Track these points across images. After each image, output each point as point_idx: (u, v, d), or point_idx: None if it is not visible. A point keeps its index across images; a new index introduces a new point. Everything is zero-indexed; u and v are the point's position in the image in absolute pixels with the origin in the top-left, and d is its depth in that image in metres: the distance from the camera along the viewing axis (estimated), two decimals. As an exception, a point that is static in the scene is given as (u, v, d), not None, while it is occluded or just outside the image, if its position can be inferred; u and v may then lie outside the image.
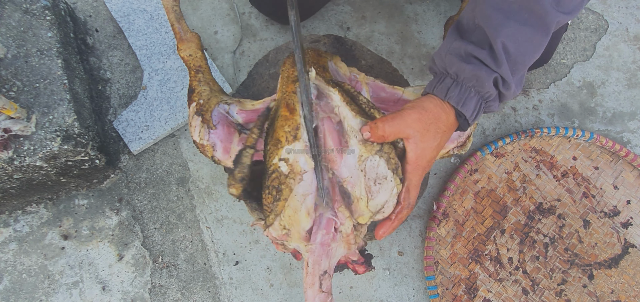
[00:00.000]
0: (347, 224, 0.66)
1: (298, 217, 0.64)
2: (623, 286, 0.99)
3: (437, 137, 0.65)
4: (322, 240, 0.65)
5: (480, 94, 0.64)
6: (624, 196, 1.04)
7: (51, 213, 1.00)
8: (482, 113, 0.67)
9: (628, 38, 1.17)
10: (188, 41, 0.79)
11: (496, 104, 0.66)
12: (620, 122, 1.11)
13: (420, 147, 0.64)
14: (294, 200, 0.64)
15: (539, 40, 0.61)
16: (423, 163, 0.66)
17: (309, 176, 0.63)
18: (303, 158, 0.63)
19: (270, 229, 0.67)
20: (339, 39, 0.88)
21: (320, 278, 0.66)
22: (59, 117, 0.81)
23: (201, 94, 0.74)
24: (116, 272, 0.98)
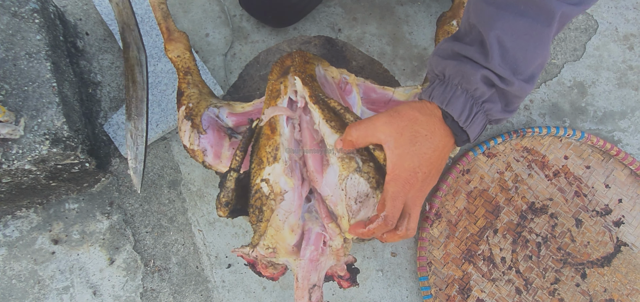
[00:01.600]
0: (337, 240, 0.66)
1: (282, 235, 0.64)
2: (616, 285, 0.99)
3: (416, 142, 0.59)
4: (311, 256, 0.65)
5: (469, 93, 0.58)
6: (616, 195, 1.04)
7: (41, 217, 0.99)
8: (481, 118, 0.60)
9: (618, 38, 1.17)
10: (176, 41, 0.78)
11: (497, 106, 0.59)
12: (611, 121, 1.12)
13: (395, 153, 0.59)
14: (275, 219, 0.64)
15: (540, 32, 0.55)
16: (403, 173, 0.59)
17: (289, 195, 0.63)
18: (283, 179, 0.63)
19: (258, 249, 0.67)
20: (329, 40, 0.88)
21: (310, 291, 0.65)
22: (48, 120, 0.81)
23: (190, 97, 0.73)
24: (107, 276, 0.97)
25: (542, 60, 0.58)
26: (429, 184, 0.62)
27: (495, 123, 0.63)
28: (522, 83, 0.57)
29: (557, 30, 0.58)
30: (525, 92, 0.58)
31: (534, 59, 0.57)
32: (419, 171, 0.59)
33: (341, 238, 0.66)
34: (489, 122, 0.62)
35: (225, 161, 0.75)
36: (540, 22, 0.55)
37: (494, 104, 0.59)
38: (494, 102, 0.59)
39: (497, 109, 0.59)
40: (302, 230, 0.65)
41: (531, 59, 0.56)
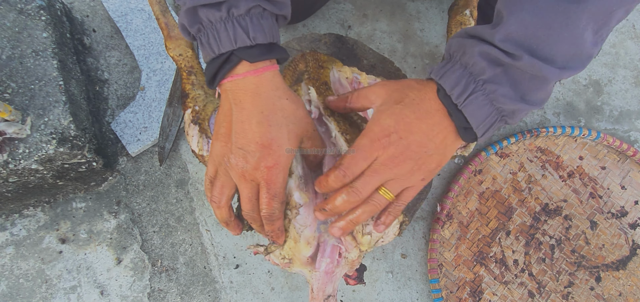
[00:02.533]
0: (353, 253, 0.64)
1: (298, 247, 0.63)
2: (631, 288, 0.97)
3: (400, 102, 0.55)
4: (326, 268, 0.63)
5: (467, 68, 0.52)
6: (632, 197, 1.02)
7: (48, 216, 0.98)
8: (482, 101, 0.52)
9: (635, 35, 1.15)
10: (177, 39, 0.73)
11: (503, 88, 0.51)
12: (627, 121, 1.09)
13: (377, 110, 0.57)
14: (293, 232, 0.62)
15: (566, 9, 0.48)
16: (376, 127, 0.55)
17: (304, 209, 0.61)
18: (297, 194, 0.61)
19: (272, 256, 0.66)
20: (340, 38, 0.86)
21: (324, 301, 0.65)
22: (55, 119, 0.80)
23: (196, 99, 0.70)
24: (115, 276, 0.96)
25: (575, 50, 0.50)
26: (407, 161, 0.54)
27: (510, 116, 0.54)
28: (534, 59, 0.49)
29: (598, 20, 0.49)
30: (544, 72, 0.49)
31: (560, 43, 0.49)
32: (393, 133, 0.54)
33: (357, 250, 0.64)
34: (502, 115, 0.54)
35: None
36: (569, 0, 0.48)
37: (499, 86, 0.51)
38: (499, 83, 0.51)
39: (504, 93, 0.51)
40: (317, 242, 0.64)
41: (556, 41, 0.49)
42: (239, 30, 0.52)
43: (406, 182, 0.56)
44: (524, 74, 0.51)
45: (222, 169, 0.58)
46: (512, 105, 0.53)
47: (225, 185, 0.59)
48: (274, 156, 0.55)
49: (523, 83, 0.52)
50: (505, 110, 0.53)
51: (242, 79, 0.55)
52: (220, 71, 0.55)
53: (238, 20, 0.52)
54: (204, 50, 0.55)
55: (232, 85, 0.55)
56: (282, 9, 0.56)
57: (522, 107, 0.53)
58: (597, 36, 0.51)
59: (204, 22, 0.53)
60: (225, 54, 0.54)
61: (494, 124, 0.54)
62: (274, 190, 0.56)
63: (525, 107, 0.53)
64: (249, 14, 0.53)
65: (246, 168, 0.55)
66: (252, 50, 0.54)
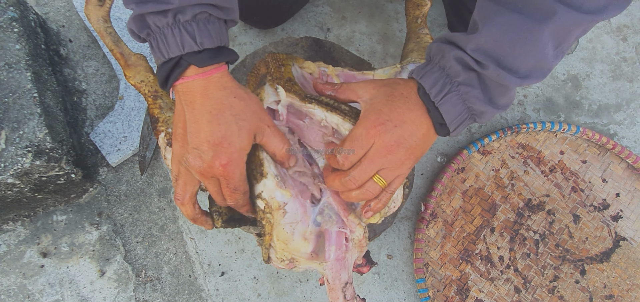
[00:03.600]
0: (358, 231, 0.64)
1: (295, 246, 0.62)
2: (615, 280, 0.98)
3: (391, 97, 0.59)
4: (336, 255, 0.63)
5: (445, 70, 0.58)
6: (613, 189, 1.03)
7: (29, 230, 0.96)
8: (456, 100, 0.57)
9: (611, 29, 1.16)
10: (135, 66, 0.71)
11: (475, 91, 0.57)
12: (606, 115, 1.10)
13: (368, 103, 0.60)
14: (282, 233, 0.61)
15: (531, 28, 0.53)
16: (372, 116, 0.59)
17: (291, 206, 0.61)
18: (278, 192, 0.60)
19: (273, 263, 0.65)
20: (317, 41, 0.86)
21: (343, 290, 0.64)
22: (30, 132, 0.78)
23: (167, 122, 0.69)
24: (98, 288, 0.95)
25: (535, 63, 0.55)
26: (397, 151, 0.58)
27: (479, 117, 0.59)
28: (499, 69, 0.54)
29: (558, 38, 0.55)
30: (506, 80, 0.55)
31: (523, 56, 0.55)
32: (388, 121, 0.58)
33: (361, 228, 0.65)
34: (472, 114, 0.59)
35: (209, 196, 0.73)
36: (533, 20, 0.53)
37: (472, 89, 0.57)
38: (472, 86, 0.57)
39: (476, 95, 0.57)
40: (316, 235, 0.63)
41: (520, 55, 0.54)
42: (186, 36, 0.54)
43: (397, 171, 0.60)
44: (492, 81, 0.56)
45: (182, 168, 0.60)
46: (481, 107, 0.58)
47: (187, 183, 0.61)
48: (226, 153, 0.56)
49: (491, 88, 0.57)
50: (475, 110, 0.58)
51: (191, 81, 0.56)
52: (171, 75, 0.56)
53: (185, 26, 0.54)
54: (154, 53, 0.56)
55: (183, 87, 0.57)
56: (229, 14, 0.58)
57: (489, 109, 0.58)
58: (558, 51, 0.56)
59: (152, 28, 0.54)
60: (175, 58, 0.55)
61: (464, 121, 0.60)
62: (233, 184, 0.58)
63: (492, 109, 0.58)
64: (195, 19, 0.54)
65: (203, 167, 0.57)
66: (200, 55, 0.55)
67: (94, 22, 0.72)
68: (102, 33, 0.72)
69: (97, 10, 0.72)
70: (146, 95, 0.71)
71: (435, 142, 1.07)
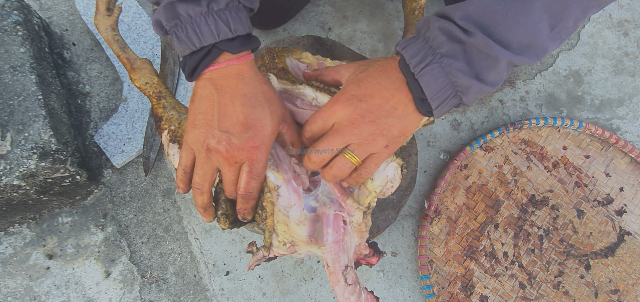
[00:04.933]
0: (357, 215, 0.65)
1: (292, 229, 0.63)
2: (621, 275, 0.98)
3: (366, 71, 0.60)
4: (334, 238, 0.64)
5: (428, 41, 0.55)
6: (617, 184, 1.03)
7: (34, 233, 0.97)
8: (438, 72, 0.54)
9: (612, 24, 1.16)
10: (140, 69, 0.75)
11: (459, 63, 0.54)
12: (608, 109, 1.10)
13: (346, 79, 0.62)
14: (280, 215, 0.63)
15: (510, 5, 0.51)
16: (344, 92, 0.59)
17: (283, 190, 0.62)
18: (271, 174, 0.62)
19: (274, 249, 0.66)
20: (318, 40, 0.86)
21: (344, 273, 0.64)
22: (35, 134, 0.79)
23: (170, 120, 0.71)
24: (104, 289, 0.96)
25: (529, 39, 0.53)
26: (364, 126, 0.57)
27: (464, 93, 0.56)
28: (486, 38, 0.51)
29: (553, 15, 0.52)
30: (495, 51, 0.52)
31: (515, 28, 0.52)
32: (353, 96, 0.58)
33: (360, 212, 0.65)
34: (457, 91, 0.56)
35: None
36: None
37: (455, 61, 0.53)
38: (455, 58, 0.54)
39: (459, 68, 0.54)
40: (312, 220, 0.64)
41: (512, 26, 0.52)
42: (221, 24, 0.55)
43: (370, 148, 0.58)
44: (480, 52, 0.53)
45: (202, 156, 0.60)
46: (466, 81, 0.54)
47: (207, 171, 0.61)
48: (259, 135, 0.57)
49: (478, 61, 0.54)
50: (459, 85, 0.55)
51: (225, 67, 0.58)
52: (202, 63, 0.57)
53: (219, 14, 0.55)
54: (182, 44, 0.57)
55: (213, 74, 0.58)
56: (253, 3, 0.60)
57: (475, 84, 0.54)
58: (554, 32, 0.53)
59: (182, 17, 0.55)
60: (206, 47, 0.56)
61: (448, 98, 0.56)
62: (256, 169, 0.59)
63: (478, 85, 0.54)
64: (227, 8, 0.56)
65: (230, 150, 0.57)
66: (233, 42, 0.57)
67: (103, 30, 0.75)
68: (110, 41, 0.76)
69: (106, 20, 0.76)
70: (150, 96, 0.73)
71: (438, 139, 1.07)
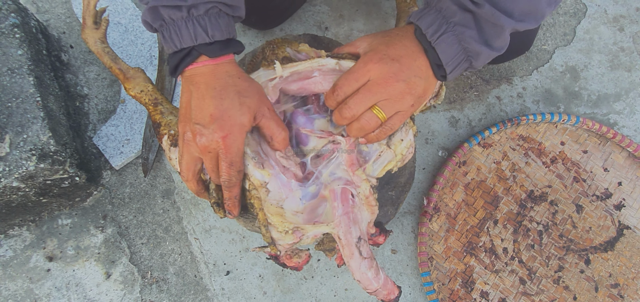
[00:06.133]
0: (363, 187, 0.66)
1: (290, 219, 0.64)
2: (620, 269, 0.98)
3: (387, 37, 0.63)
4: (342, 210, 0.64)
5: (441, 12, 0.60)
6: (615, 178, 1.03)
7: (34, 235, 0.97)
8: (452, 40, 0.59)
9: (607, 20, 1.17)
10: (134, 78, 0.75)
11: (470, 31, 0.59)
12: (605, 104, 1.11)
13: (367, 47, 0.64)
14: (271, 208, 0.63)
15: None
16: (370, 53, 0.62)
17: (272, 184, 0.63)
18: (257, 173, 0.63)
19: (278, 242, 0.66)
20: (315, 38, 0.86)
21: (357, 246, 0.64)
22: (34, 135, 0.79)
23: (169, 124, 0.71)
24: (105, 291, 0.96)
25: (529, 6, 0.58)
26: (397, 84, 0.61)
27: (475, 58, 0.61)
28: (493, 9, 0.57)
29: None
30: (501, 21, 0.57)
31: None
32: (385, 55, 0.61)
33: (367, 183, 0.66)
34: (468, 56, 0.61)
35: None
36: None
37: (467, 29, 0.59)
38: (468, 26, 0.59)
39: (471, 36, 0.59)
40: (314, 206, 0.65)
41: None
42: (199, 29, 0.58)
43: (398, 105, 0.62)
44: (487, 21, 0.58)
45: (182, 147, 0.63)
46: (477, 47, 0.59)
47: (189, 161, 0.63)
48: (226, 126, 0.59)
49: (486, 29, 0.59)
50: (471, 50, 0.60)
51: (202, 66, 0.61)
52: (182, 63, 0.61)
53: (198, 20, 0.58)
54: (166, 43, 0.60)
55: (192, 72, 0.61)
56: (236, 11, 0.63)
57: (485, 50, 0.60)
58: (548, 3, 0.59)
59: (165, 20, 0.58)
60: (186, 48, 0.59)
61: (461, 63, 0.62)
62: (229, 158, 0.60)
63: (487, 50, 0.60)
64: (207, 14, 0.58)
65: (202, 141, 0.59)
66: (211, 46, 0.60)
67: (92, 44, 0.76)
68: (100, 54, 0.76)
69: (94, 33, 0.76)
70: (147, 104, 0.74)
71: (436, 136, 1.07)
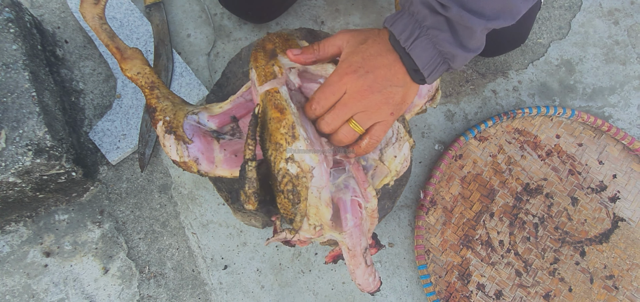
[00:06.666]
0: (372, 202, 0.67)
1: (322, 212, 0.64)
2: (615, 260, 0.99)
3: (365, 42, 0.62)
4: (354, 222, 0.65)
5: (413, 16, 0.58)
6: (610, 171, 1.04)
7: (31, 231, 0.97)
8: (426, 44, 0.58)
9: (602, 13, 1.17)
10: (131, 59, 0.73)
11: (444, 34, 0.57)
12: (600, 98, 1.11)
13: (345, 51, 0.63)
14: (312, 197, 0.63)
15: None
16: (345, 64, 0.61)
17: (317, 170, 0.62)
18: (307, 156, 0.62)
19: (302, 232, 0.67)
20: (311, 32, 0.87)
21: (364, 256, 0.66)
22: (30, 130, 0.79)
23: (165, 110, 0.70)
24: (102, 286, 0.96)
25: (502, 4, 0.56)
26: (372, 97, 0.61)
27: (452, 60, 0.60)
28: (462, 11, 0.55)
29: None
30: (470, 22, 0.55)
31: None
32: (360, 67, 0.60)
33: (376, 199, 0.67)
34: (445, 58, 0.60)
35: (221, 164, 0.73)
36: None
37: (441, 32, 0.57)
38: (441, 29, 0.57)
39: (445, 39, 0.57)
40: (333, 203, 0.65)
41: None
42: None
43: (375, 116, 0.62)
44: (458, 23, 0.56)
45: None
46: (452, 49, 0.58)
47: None
48: None
49: (459, 31, 0.57)
50: (446, 53, 0.59)
51: None
52: None
53: None
54: None
55: None
56: None
57: (460, 52, 0.58)
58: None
59: None
60: None
61: (438, 66, 0.60)
62: None
63: (463, 52, 0.59)
64: None
65: None
66: None
67: (90, 19, 0.73)
68: (97, 30, 0.74)
69: (93, 8, 0.73)
70: (143, 87, 0.72)
71: (432, 130, 1.08)
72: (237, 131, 0.76)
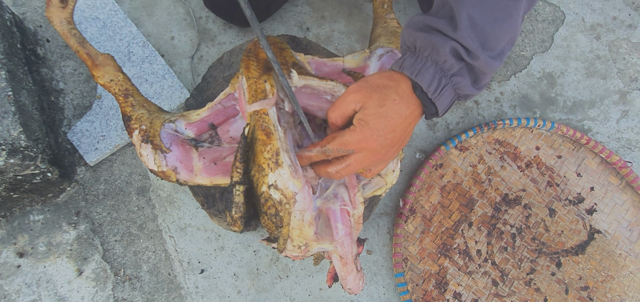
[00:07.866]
0: (359, 209, 0.67)
1: (305, 232, 0.64)
2: (590, 272, 1.00)
3: (384, 105, 0.58)
4: (344, 231, 0.66)
5: (438, 64, 0.58)
6: (588, 183, 1.05)
7: (5, 231, 0.96)
8: (450, 92, 0.59)
9: (585, 28, 1.18)
10: (103, 65, 0.71)
11: (465, 80, 0.58)
12: (580, 111, 1.12)
13: (363, 113, 0.59)
14: (294, 220, 0.63)
15: (507, 5, 0.56)
16: (366, 131, 0.58)
17: (300, 195, 0.62)
18: (291, 182, 0.61)
19: (287, 252, 0.68)
20: (294, 39, 0.87)
21: (355, 262, 0.67)
22: (4, 130, 0.78)
23: (141, 119, 0.68)
24: (76, 288, 0.95)
25: (511, 36, 0.58)
26: (389, 152, 0.61)
27: (464, 99, 0.62)
28: (488, 58, 0.57)
29: (527, 7, 0.59)
30: (492, 68, 0.58)
31: (502, 34, 0.57)
32: (381, 136, 0.59)
33: (363, 206, 0.68)
34: (458, 98, 0.62)
35: (200, 173, 0.71)
36: None
37: (463, 78, 0.58)
38: (463, 76, 0.58)
39: (466, 84, 0.59)
40: (316, 218, 0.66)
41: (500, 34, 0.57)
42: None
43: (379, 167, 0.65)
44: (479, 69, 0.58)
45: None
46: (469, 91, 0.60)
47: None
48: None
49: (479, 76, 0.60)
50: (462, 95, 0.61)
51: None
52: None
53: None
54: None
55: None
56: None
57: (474, 91, 0.61)
58: (522, 19, 0.59)
59: None
60: None
61: (452, 104, 0.62)
62: None
63: (475, 91, 0.61)
64: None
65: None
66: None
67: (57, 24, 0.70)
68: (66, 35, 0.71)
69: (60, 12, 0.70)
70: (116, 94, 0.71)
71: (414, 139, 1.08)
72: (215, 138, 0.75)
